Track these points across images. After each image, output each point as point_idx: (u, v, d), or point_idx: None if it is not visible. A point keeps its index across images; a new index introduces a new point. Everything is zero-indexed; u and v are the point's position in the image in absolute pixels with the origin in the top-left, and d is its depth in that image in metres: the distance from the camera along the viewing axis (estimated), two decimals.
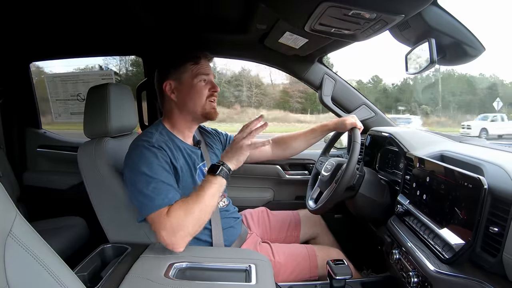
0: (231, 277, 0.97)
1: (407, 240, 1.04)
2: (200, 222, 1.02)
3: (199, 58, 1.20)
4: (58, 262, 0.60)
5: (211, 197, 1.02)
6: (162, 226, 0.98)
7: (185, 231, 0.98)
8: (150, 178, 1.03)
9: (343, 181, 1.20)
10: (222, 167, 1.05)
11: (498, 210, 0.76)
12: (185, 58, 1.20)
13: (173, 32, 1.69)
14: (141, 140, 1.11)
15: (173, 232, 0.97)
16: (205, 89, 1.20)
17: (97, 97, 1.25)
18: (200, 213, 1.00)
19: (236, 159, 1.08)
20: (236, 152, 1.08)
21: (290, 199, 1.99)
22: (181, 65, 1.19)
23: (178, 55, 1.21)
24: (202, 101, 1.19)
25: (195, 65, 1.19)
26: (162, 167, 1.06)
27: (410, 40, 1.17)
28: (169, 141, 1.15)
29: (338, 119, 1.45)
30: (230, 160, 1.08)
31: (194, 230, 1.01)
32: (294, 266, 1.27)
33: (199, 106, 1.19)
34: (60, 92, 2.22)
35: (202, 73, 1.19)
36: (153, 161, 1.05)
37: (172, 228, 0.97)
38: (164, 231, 0.97)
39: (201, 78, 1.19)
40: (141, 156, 1.06)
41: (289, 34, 1.39)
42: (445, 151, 1.10)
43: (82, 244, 1.72)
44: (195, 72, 1.19)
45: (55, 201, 2.02)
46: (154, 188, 1.02)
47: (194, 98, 1.19)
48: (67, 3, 1.37)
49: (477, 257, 0.80)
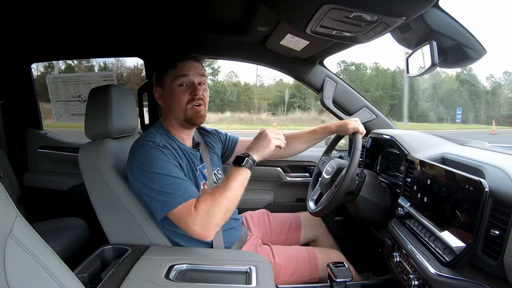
0: (231, 279, 0.97)
1: (408, 243, 1.04)
2: (229, 212, 1.06)
3: (177, 60, 1.16)
4: (58, 263, 0.60)
5: (238, 187, 1.06)
6: (191, 221, 1.01)
7: (215, 222, 1.02)
8: (162, 176, 1.04)
9: (342, 187, 1.20)
10: (248, 159, 1.09)
11: (499, 213, 0.75)
12: (164, 63, 1.17)
13: (174, 34, 1.70)
14: (145, 140, 1.10)
15: (203, 226, 1.01)
16: (184, 94, 1.15)
17: (99, 98, 1.25)
18: (228, 203, 1.04)
19: (262, 152, 1.12)
20: (263, 144, 1.12)
21: (290, 201, 1.98)
22: (162, 70, 1.17)
23: (162, 59, 1.19)
24: (183, 106, 1.16)
25: (173, 69, 1.15)
26: (172, 164, 1.07)
27: (411, 43, 1.17)
28: (171, 142, 1.15)
29: (340, 121, 1.44)
30: (255, 152, 1.11)
31: (223, 220, 1.05)
32: (294, 268, 1.27)
33: (181, 111, 1.16)
34: (61, 93, 2.22)
35: (178, 76, 1.15)
36: (162, 158, 1.06)
37: (202, 221, 1.00)
38: (194, 226, 1.01)
39: (180, 82, 1.15)
40: (148, 156, 1.06)
41: (291, 36, 1.39)
42: (446, 154, 1.10)
43: (82, 245, 1.71)
44: (173, 76, 1.15)
45: (56, 202, 2.02)
46: (170, 184, 1.03)
47: (175, 104, 1.16)
48: (68, 4, 1.38)
49: (478, 260, 0.79)
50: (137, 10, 1.44)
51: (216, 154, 1.38)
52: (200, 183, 1.20)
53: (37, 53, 2.05)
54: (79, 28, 1.70)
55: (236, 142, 1.50)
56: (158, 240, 1.14)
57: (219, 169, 1.36)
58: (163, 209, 1.04)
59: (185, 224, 1.02)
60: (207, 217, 1.01)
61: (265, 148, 1.12)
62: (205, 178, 1.25)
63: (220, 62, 19.79)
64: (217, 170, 1.34)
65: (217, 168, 1.35)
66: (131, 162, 1.10)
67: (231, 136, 1.50)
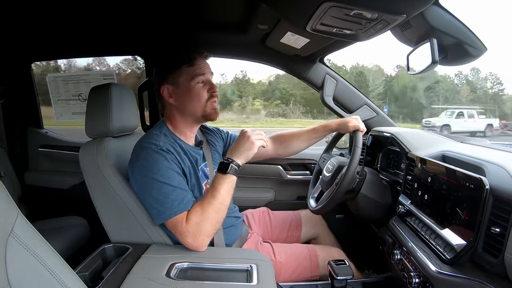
0: (232, 277, 0.97)
1: (409, 241, 1.04)
2: (218, 222, 1.08)
3: (194, 59, 1.16)
4: (60, 262, 0.60)
5: (225, 196, 1.07)
6: (183, 233, 1.04)
7: (205, 234, 1.05)
8: (161, 184, 1.04)
9: (343, 185, 1.20)
10: (231, 165, 1.09)
11: (499, 210, 0.76)
12: (180, 61, 1.16)
13: (174, 32, 1.70)
14: (148, 142, 1.10)
15: (194, 238, 1.04)
16: (203, 91, 1.17)
17: (99, 97, 1.25)
18: (217, 214, 1.06)
19: (246, 155, 1.11)
20: (245, 147, 1.11)
21: (291, 199, 1.99)
22: (176, 69, 1.16)
23: (173, 58, 1.18)
24: (202, 103, 1.17)
25: (191, 67, 1.15)
26: (173, 171, 1.07)
27: (411, 40, 1.17)
28: (175, 143, 1.15)
29: (340, 119, 1.43)
30: (239, 156, 1.11)
31: (214, 230, 1.07)
32: (295, 266, 1.27)
33: (199, 108, 1.17)
34: (61, 92, 2.22)
35: (198, 74, 1.15)
36: (163, 164, 1.06)
37: (193, 234, 1.03)
38: (186, 238, 1.04)
39: (199, 80, 1.16)
40: (150, 160, 1.06)
41: (291, 34, 1.39)
42: (446, 152, 1.10)
43: (83, 244, 1.72)
44: (191, 75, 1.15)
45: (57, 200, 2.03)
46: (167, 194, 1.04)
47: (194, 102, 1.17)
48: (68, 3, 1.37)
49: (479, 258, 0.79)
50: (137, 9, 1.43)
51: (218, 152, 1.38)
52: (202, 183, 1.20)
53: (37, 53, 2.05)
54: (78, 27, 1.69)
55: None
56: (159, 239, 1.14)
57: None
58: (158, 218, 1.06)
59: (179, 234, 1.05)
60: (197, 229, 1.03)
61: (248, 151, 1.11)
62: (207, 177, 1.25)
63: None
64: None
65: None
66: (133, 163, 1.10)
67: (233, 134, 1.50)
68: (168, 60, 1.18)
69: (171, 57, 1.18)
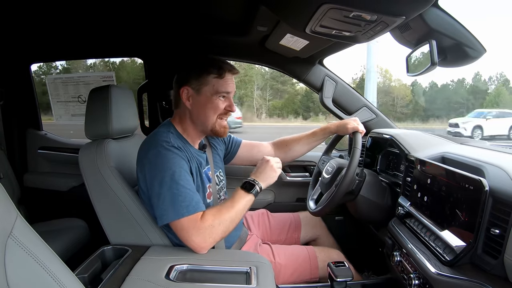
0: (231, 279, 0.97)
1: (408, 242, 1.04)
2: (228, 231, 1.09)
3: (225, 72, 1.13)
4: (59, 264, 0.60)
5: (241, 211, 1.10)
6: (195, 232, 1.02)
7: (214, 238, 1.05)
8: (172, 182, 1.03)
9: (342, 187, 1.20)
10: (257, 187, 1.13)
11: (499, 212, 0.76)
12: (209, 70, 1.13)
13: (174, 34, 1.70)
14: (158, 139, 1.09)
15: (204, 239, 1.03)
16: (220, 106, 1.15)
17: (98, 98, 1.25)
18: (230, 223, 1.07)
19: (269, 181, 1.18)
20: (270, 174, 1.17)
21: (290, 201, 1.98)
22: (204, 76, 1.13)
23: (201, 63, 1.15)
24: (213, 118, 1.15)
25: (218, 79, 1.13)
26: (184, 170, 1.06)
27: (411, 42, 1.17)
28: (184, 145, 1.14)
29: (340, 121, 1.44)
30: (264, 181, 1.16)
31: (222, 237, 1.08)
32: (294, 268, 1.27)
33: (211, 122, 1.16)
34: (61, 93, 2.23)
35: (223, 91, 1.14)
36: (175, 162, 1.05)
37: (204, 235, 1.03)
38: (195, 237, 1.03)
39: (221, 94, 1.14)
40: (161, 158, 1.05)
41: (290, 36, 1.39)
42: (446, 153, 1.10)
43: (83, 246, 1.71)
44: (216, 88, 1.13)
45: (56, 202, 2.02)
46: (178, 194, 1.02)
47: (208, 113, 1.15)
48: (68, 4, 1.37)
49: (478, 259, 0.79)
50: (137, 10, 1.44)
51: (219, 155, 1.38)
52: (206, 186, 1.20)
53: (37, 54, 2.05)
54: (78, 28, 1.70)
55: (240, 145, 1.48)
56: (158, 241, 1.14)
57: (221, 171, 1.35)
58: (166, 217, 1.03)
59: (187, 234, 1.03)
60: (210, 231, 1.03)
61: (272, 178, 1.18)
62: (210, 181, 1.24)
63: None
64: (219, 172, 1.34)
65: (219, 170, 1.34)
66: (142, 160, 1.09)
67: (235, 138, 1.49)
68: (197, 65, 1.15)
69: (201, 62, 1.16)
